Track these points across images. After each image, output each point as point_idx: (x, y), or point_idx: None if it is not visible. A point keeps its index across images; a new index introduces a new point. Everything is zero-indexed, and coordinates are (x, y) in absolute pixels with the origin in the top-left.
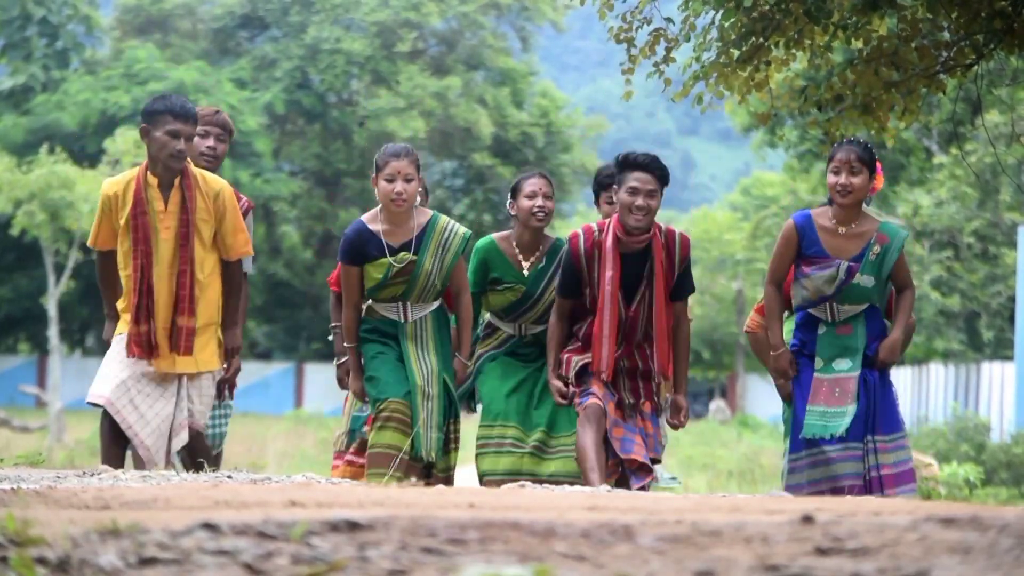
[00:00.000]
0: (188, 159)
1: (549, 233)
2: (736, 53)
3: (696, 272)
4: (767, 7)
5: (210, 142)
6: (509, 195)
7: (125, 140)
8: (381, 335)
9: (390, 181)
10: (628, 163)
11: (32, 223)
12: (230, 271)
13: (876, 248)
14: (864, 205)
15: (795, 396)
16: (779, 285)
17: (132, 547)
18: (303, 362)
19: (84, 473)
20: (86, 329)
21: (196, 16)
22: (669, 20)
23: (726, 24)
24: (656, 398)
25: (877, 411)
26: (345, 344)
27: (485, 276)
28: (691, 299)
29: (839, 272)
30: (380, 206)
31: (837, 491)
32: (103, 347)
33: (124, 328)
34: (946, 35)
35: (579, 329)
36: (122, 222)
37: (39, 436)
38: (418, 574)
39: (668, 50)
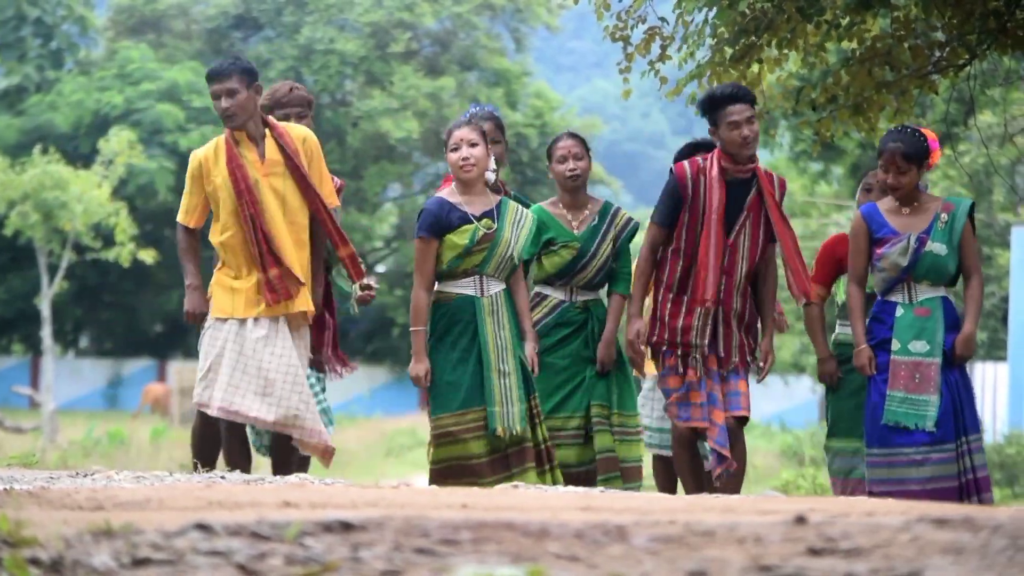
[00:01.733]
0: (268, 116)
1: (596, 196)
2: (729, 52)
3: None
4: (760, 5)
5: (293, 122)
6: (546, 158)
7: (119, 140)
8: (459, 323)
9: (455, 150)
10: (718, 99)
11: (26, 224)
12: (316, 223)
13: (944, 216)
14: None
15: (871, 387)
16: (861, 283)
17: (125, 548)
18: None
19: (77, 474)
20: (79, 330)
21: (190, 16)
22: (663, 20)
23: (719, 22)
24: (752, 358)
25: (964, 408)
26: (411, 327)
27: (539, 238)
28: None
29: (910, 242)
30: (453, 183)
31: (927, 495)
32: (97, 348)
33: (221, 294)
34: (939, 35)
35: (671, 273)
36: (218, 181)
37: (32, 437)
38: (411, 575)
39: (663, 48)
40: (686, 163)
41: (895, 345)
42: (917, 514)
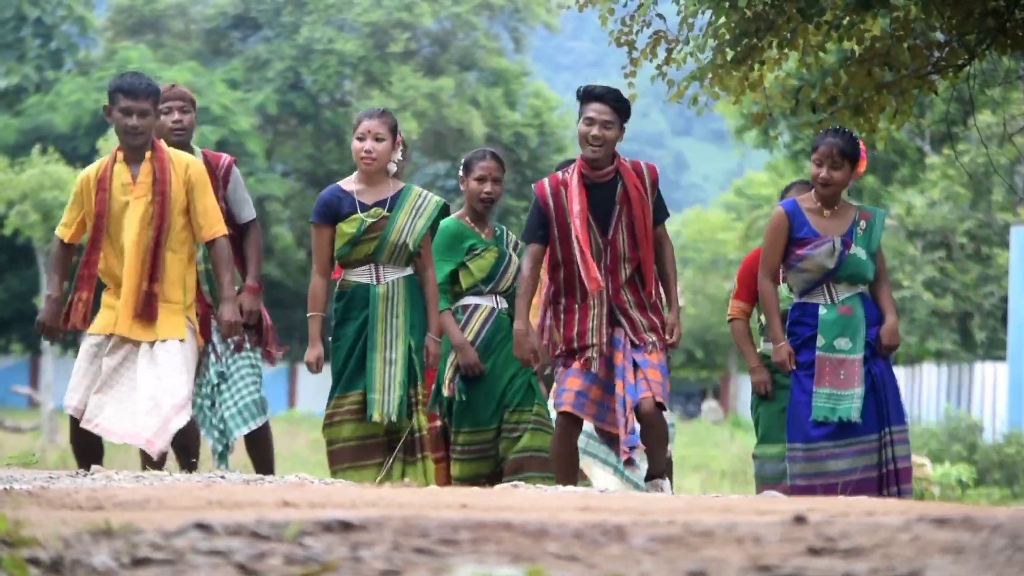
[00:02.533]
0: (157, 136)
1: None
2: (731, 53)
3: (689, 273)
4: (761, 7)
5: (175, 116)
6: (462, 168)
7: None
8: (354, 310)
9: (361, 140)
10: (586, 95)
11: (25, 223)
12: (215, 250)
13: (862, 223)
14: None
15: (793, 385)
16: (776, 279)
17: (125, 547)
18: (296, 363)
19: (77, 473)
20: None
21: (188, 16)
22: (660, 16)
23: (720, 24)
24: (661, 331)
25: (888, 401)
26: (308, 313)
27: (461, 244)
28: (683, 299)
29: (836, 245)
30: (356, 170)
31: (847, 486)
32: None
33: (101, 309)
34: (939, 35)
35: (556, 287)
36: (89, 204)
37: (32, 436)
38: (411, 574)
39: (669, 52)
40: (546, 179)
41: (820, 342)
42: (917, 514)
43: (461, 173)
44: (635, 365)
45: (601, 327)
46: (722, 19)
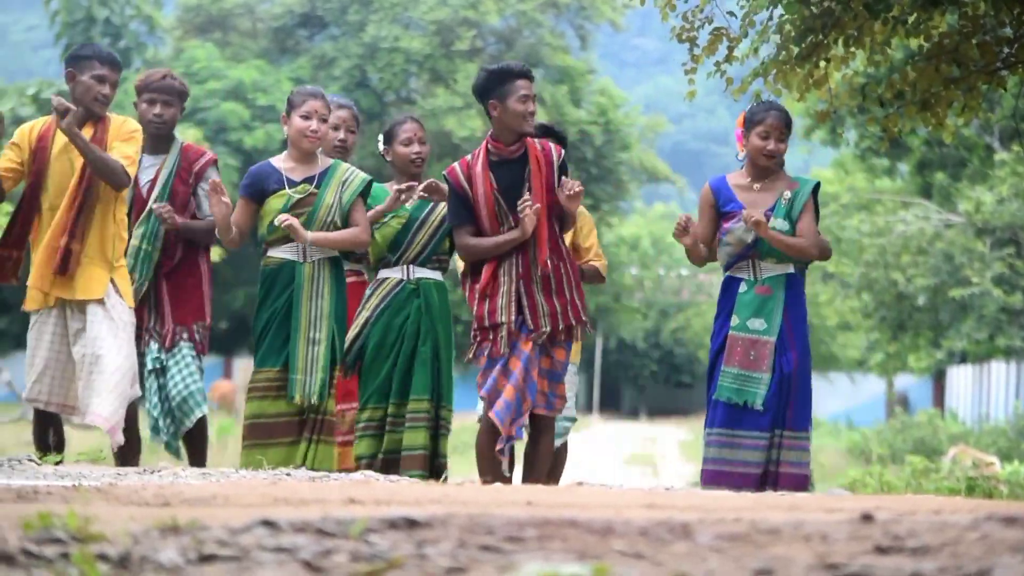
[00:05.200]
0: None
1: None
2: (796, 50)
3: None
4: (827, 3)
5: (157, 109)
6: (381, 140)
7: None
8: (278, 286)
9: (306, 118)
10: (510, 73)
11: None
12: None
13: (787, 194)
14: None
15: (715, 369)
16: (706, 244)
17: (192, 544)
18: None
19: (145, 470)
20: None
21: (255, 15)
22: (731, 14)
23: (786, 19)
24: (579, 322)
25: (791, 404)
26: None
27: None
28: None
29: (742, 226)
30: (287, 148)
31: (745, 480)
32: None
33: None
34: (1008, 31)
35: (472, 266)
36: (26, 156)
37: (100, 433)
38: (476, 572)
39: (730, 49)
40: (456, 165)
41: (734, 321)
42: (985, 512)
43: (383, 145)
44: (539, 365)
45: (510, 305)
46: (791, 13)
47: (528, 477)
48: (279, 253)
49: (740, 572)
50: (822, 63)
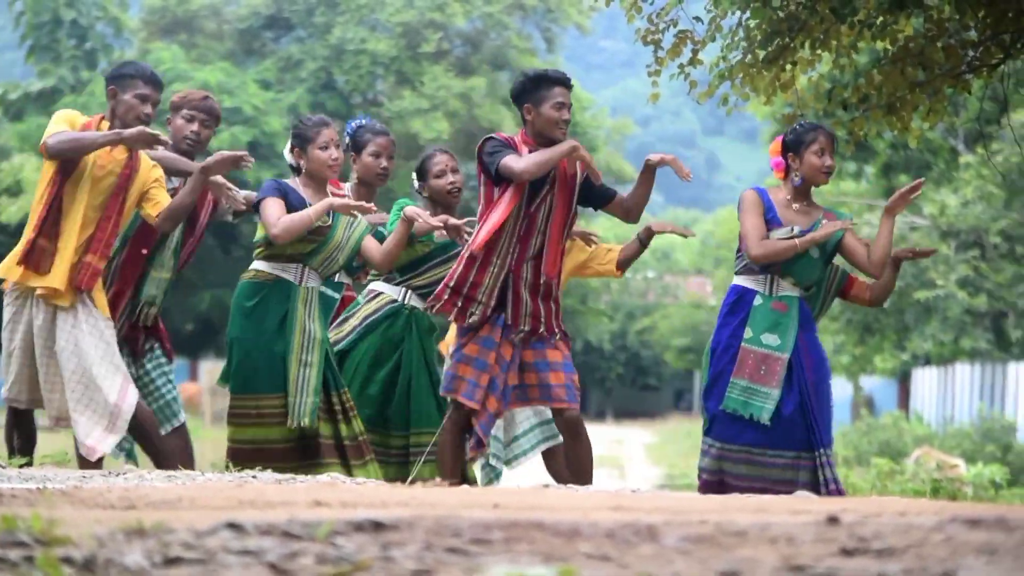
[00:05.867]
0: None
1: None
2: (762, 53)
3: (721, 272)
4: (793, 6)
5: (195, 127)
6: (415, 177)
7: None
8: (271, 303)
9: (325, 149)
10: (549, 79)
11: None
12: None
13: (824, 222)
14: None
15: (720, 381)
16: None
17: (157, 547)
18: None
19: (110, 473)
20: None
21: (221, 17)
22: (697, 19)
23: (753, 23)
24: (560, 330)
25: (815, 424)
26: (315, 212)
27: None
28: (716, 299)
29: (794, 233)
30: (298, 178)
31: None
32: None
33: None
34: (973, 34)
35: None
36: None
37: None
38: (442, 574)
39: (695, 52)
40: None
41: (747, 333)
42: (950, 514)
43: (417, 181)
44: (525, 366)
45: (494, 290)
46: (757, 18)
47: (580, 480)
48: (275, 270)
49: (706, 574)
50: (788, 66)
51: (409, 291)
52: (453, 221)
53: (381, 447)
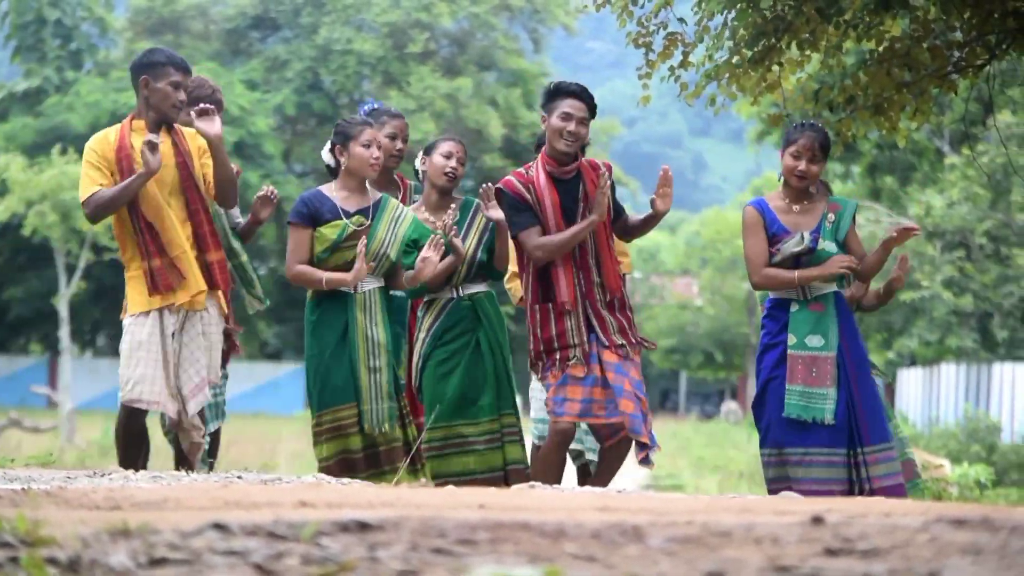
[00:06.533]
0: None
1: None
2: (748, 54)
3: (707, 273)
4: (780, 7)
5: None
6: (422, 153)
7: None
8: (331, 318)
9: (367, 147)
10: (561, 91)
11: (43, 224)
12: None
13: (831, 216)
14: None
15: (769, 390)
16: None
17: (142, 547)
18: None
19: (95, 473)
20: (97, 330)
21: (208, 17)
22: (682, 20)
23: (739, 24)
24: (634, 339)
25: (862, 419)
26: (323, 283)
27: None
28: (702, 300)
29: (804, 239)
30: (338, 178)
31: (818, 494)
32: (114, 348)
33: (135, 303)
34: (958, 35)
35: (533, 283)
36: (108, 172)
37: (50, 437)
38: (428, 575)
39: (685, 55)
40: (512, 178)
41: (791, 340)
42: (935, 515)
43: (422, 155)
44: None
45: (580, 326)
46: (743, 19)
47: (600, 482)
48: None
49: (692, 574)
50: (776, 67)
51: (457, 286)
52: (450, 220)
53: (460, 438)
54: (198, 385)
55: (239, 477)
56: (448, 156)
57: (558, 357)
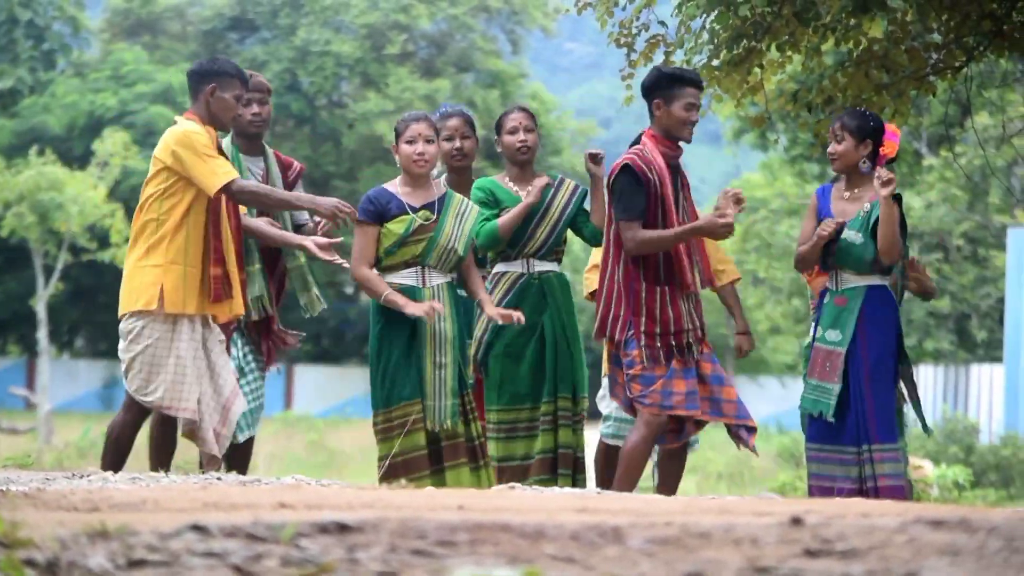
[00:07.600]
0: (236, 128)
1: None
2: (728, 56)
3: None
4: (759, 10)
5: (254, 108)
6: (495, 132)
7: (113, 142)
8: (397, 314)
9: (411, 143)
10: (684, 79)
11: (21, 225)
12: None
13: (867, 206)
14: (864, 169)
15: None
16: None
17: (121, 549)
18: (293, 363)
19: (73, 475)
20: (75, 331)
21: (185, 18)
22: (663, 24)
23: (718, 26)
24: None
25: (870, 417)
26: (381, 296)
27: (496, 205)
28: None
29: (829, 225)
30: (400, 175)
31: (839, 493)
32: (92, 349)
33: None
34: (936, 37)
35: (651, 264)
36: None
37: (28, 438)
38: None
39: (667, 55)
40: (635, 155)
41: (818, 332)
42: (913, 515)
43: (496, 135)
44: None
45: (692, 312)
46: (722, 22)
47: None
48: (398, 279)
49: (671, 575)
50: (757, 68)
51: (529, 259)
52: (537, 182)
53: (528, 422)
54: (234, 391)
55: (218, 478)
56: (513, 131)
57: (673, 343)
